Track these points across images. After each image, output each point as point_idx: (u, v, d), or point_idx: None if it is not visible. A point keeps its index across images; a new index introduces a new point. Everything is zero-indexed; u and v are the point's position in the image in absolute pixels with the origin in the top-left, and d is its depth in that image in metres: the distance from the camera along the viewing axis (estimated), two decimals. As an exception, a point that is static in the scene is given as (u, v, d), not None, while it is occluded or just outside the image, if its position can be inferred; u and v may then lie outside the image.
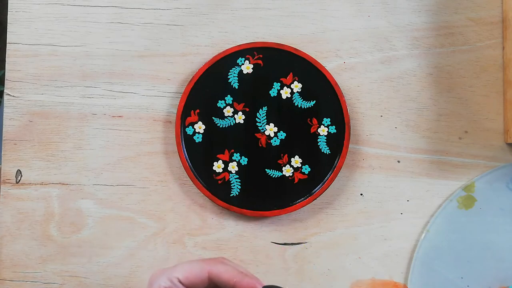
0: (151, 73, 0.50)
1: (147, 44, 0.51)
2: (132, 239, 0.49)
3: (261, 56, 0.49)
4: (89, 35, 0.50)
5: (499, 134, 0.50)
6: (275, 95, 0.49)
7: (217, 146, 0.48)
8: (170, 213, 0.50)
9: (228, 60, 0.49)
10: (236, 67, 0.49)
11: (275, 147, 0.48)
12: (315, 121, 0.48)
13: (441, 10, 0.51)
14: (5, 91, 0.50)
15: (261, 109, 0.49)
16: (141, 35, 0.51)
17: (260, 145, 0.48)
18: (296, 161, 0.48)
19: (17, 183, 0.50)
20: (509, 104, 0.49)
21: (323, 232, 0.49)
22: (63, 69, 0.50)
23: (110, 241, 0.49)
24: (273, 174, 0.48)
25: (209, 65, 0.48)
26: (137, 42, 0.51)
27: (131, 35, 0.51)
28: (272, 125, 0.49)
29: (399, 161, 0.50)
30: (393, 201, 0.50)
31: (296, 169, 0.48)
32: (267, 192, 0.48)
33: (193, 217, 0.50)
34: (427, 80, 0.51)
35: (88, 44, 0.50)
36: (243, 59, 0.49)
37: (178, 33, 0.51)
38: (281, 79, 0.49)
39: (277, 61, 0.49)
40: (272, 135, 0.49)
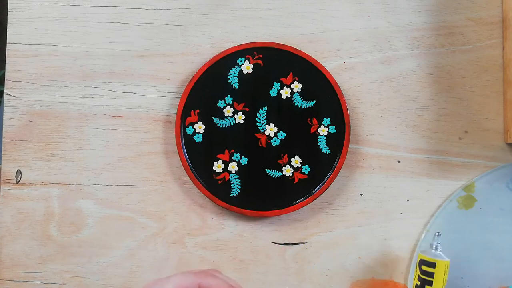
0: (151, 73, 0.50)
1: (147, 44, 0.51)
2: (132, 239, 0.49)
3: (261, 56, 0.49)
4: (89, 35, 0.50)
5: (499, 134, 0.50)
6: (275, 95, 0.49)
7: (217, 146, 0.48)
8: (170, 213, 0.50)
9: (228, 60, 0.49)
10: (236, 67, 0.49)
11: (275, 147, 0.48)
12: (315, 121, 0.48)
13: (441, 10, 0.51)
14: (5, 91, 0.50)
15: (261, 109, 0.49)
16: (141, 35, 0.51)
17: (260, 145, 0.48)
18: (296, 161, 0.48)
19: (17, 183, 0.50)
20: (509, 104, 0.49)
21: (323, 232, 0.49)
22: (63, 69, 0.50)
23: (110, 241, 0.49)
24: (273, 174, 0.48)
25: (209, 65, 0.48)
26: (137, 42, 0.50)
27: (131, 35, 0.51)
28: (272, 125, 0.49)
29: (399, 161, 0.50)
30: (393, 201, 0.50)
31: (296, 169, 0.48)
32: (267, 192, 0.48)
33: (193, 217, 0.50)
34: (427, 80, 0.51)
35: (88, 44, 0.50)
36: (243, 59, 0.49)
37: (178, 33, 0.51)
38: (281, 79, 0.49)
39: (277, 61, 0.49)
40: (272, 135, 0.49)
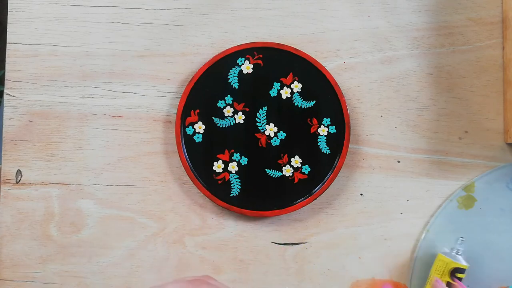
0: (151, 73, 0.50)
1: (147, 44, 0.50)
2: (132, 239, 0.49)
3: (261, 56, 0.49)
4: (89, 35, 0.50)
5: (499, 134, 0.50)
6: (275, 95, 0.49)
7: (217, 146, 0.48)
8: (170, 213, 0.50)
9: (228, 60, 0.49)
10: (236, 67, 0.49)
11: (275, 147, 0.48)
12: (315, 121, 0.48)
13: (441, 10, 0.51)
14: (5, 91, 0.50)
15: (261, 109, 0.49)
16: (141, 35, 0.51)
17: (260, 145, 0.48)
18: (296, 161, 0.48)
19: (17, 183, 0.50)
20: (509, 104, 0.49)
21: (323, 232, 0.49)
22: (63, 69, 0.50)
23: (110, 241, 0.49)
24: (273, 174, 0.48)
25: (209, 65, 0.48)
26: (137, 42, 0.50)
27: (131, 35, 0.51)
28: (272, 125, 0.49)
29: (399, 161, 0.50)
30: (393, 201, 0.50)
31: (296, 169, 0.48)
32: (267, 192, 0.48)
33: (193, 217, 0.49)
34: (427, 80, 0.51)
35: (88, 44, 0.50)
36: (243, 59, 0.49)
37: (178, 33, 0.51)
38: (281, 79, 0.49)
39: (277, 61, 0.49)
40: (272, 135, 0.49)
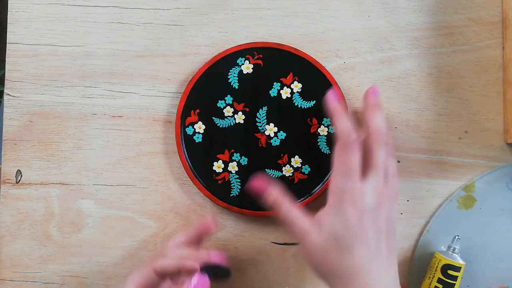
0: (151, 73, 0.50)
1: (147, 44, 0.50)
2: (132, 239, 0.49)
3: (261, 56, 0.49)
4: (89, 35, 0.50)
5: (499, 134, 0.50)
6: (275, 95, 0.49)
7: (217, 146, 0.48)
8: (170, 213, 0.49)
9: (228, 60, 0.49)
10: (236, 67, 0.49)
11: (275, 147, 0.48)
12: (315, 121, 0.48)
13: (441, 10, 0.51)
14: (5, 91, 0.50)
15: (261, 109, 0.48)
16: (141, 35, 0.51)
17: (260, 145, 0.48)
18: (296, 161, 0.48)
19: (17, 183, 0.50)
20: (509, 104, 0.49)
21: (323, 232, 0.49)
22: (63, 69, 0.50)
23: (110, 241, 0.49)
24: (273, 174, 0.48)
25: (209, 65, 0.48)
26: (137, 42, 0.50)
27: (131, 35, 0.51)
28: (272, 125, 0.48)
29: (399, 161, 0.50)
30: (393, 201, 0.50)
31: (296, 169, 0.48)
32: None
33: (193, 217, 0.49)
34: (427, 80, 0.51)
35: (88, 44, 0.50)
36: (243, 59, 0.49)
37: (178, 33, 0.51)
38: (281, 79, 0.49)
39: (277, 61, 0.49)
40: (272, 135, 0.48)
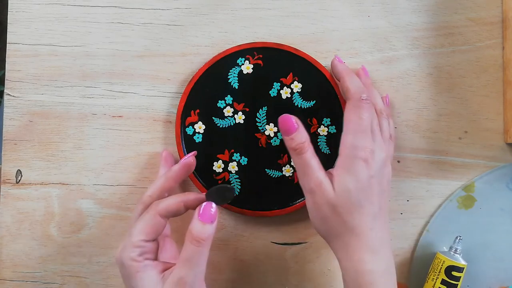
0: (151, 73, 0.50)
1: (147, 44, 0.50)
2: (132, 239, 0.49)
3: (261, 56, 0.49)
4: (89, 35, 0.50)
5: (499, 134, 0.50)
6: (275, 95, 0.48)
7: (217, 146, 0.48)
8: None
9: (228, 60, 0.49)
10: (236, 67, 0.49)
11: (275, 147, 0.48)
12: (315, 121, 0.48)
13: (441, 10, 0.51)
14: (5, 91, 0.50)
15: (261, 109, 0.48)
16: (141, 35, 0.51)
17: (260, 145, 0.48)
18: None
19: (17, 183, 0.50)
20: (509, 104, 0.49)
21: (323, 232, 0.49)
22: (63, 69, 0.50)
23: (110, 241, 0.49)
24: (273, 174, 0.48)
25: (209, 65, 0.48)
26: (137, 42, 0.50)
27: (131, 35, 0.51)
28: (272, 125, 0.48)
29: (399, 161, 0.50)
30: (393, 201, 0.50)
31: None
32: (267, 192, 0.48)
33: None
34: (427, 80, 0.51)
35: (88, 44, 0.50)
36: (243, 59, 0.49)
37: (178, 33, 0.51)
38: (281, 79, 0.49)
39: (277, 61, 0.48)
40: (272, 135, 0.48)
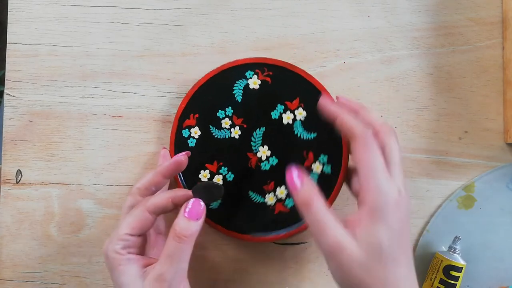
0: (151, 73, 0.50)
1: (147, 44, 0.50)
2: (132, 239, 0.49)
3: (271, 73, 0.46)
4: (89, 35, 0.50)
5: (499, 134, 0.50)
6: (276, 117, 0.46)
7: (207, 155, 0.46)
8: (170, 213, 0.49)
9: (237, 70, 0.46)
10: (243, 79, 0.46)
11: (264, 171, 0.46)
12: (311, 155, 0.45)
13: (441, 10, 0.51)
14: (5, 91, 0.50)
15: (258, 129, 0.46)
16: (141, 35, 0.51)
17: (250, 165, 0.46)
18: (282, 191, 0.45)
19: (17, 183, 0.50)
20: (509, 104, 0.49)
21: (323, 232, 0.49)
22: (63, 69, 0.50)
23: (110, 241, 0.49)
24: (255, 199, 0.46)
25: (217, 72, 0.46)
26: (137, 42, 0.50)
27: (131, 35, 0.51)
28: (266, 147, 0.46)
29: (399, 161, 0.50)
30: (393, 201, 0.50)
31: (279, 200, 0.46)
32: (244, 214, 0.46)
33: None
34: (427, 80, 0.51)
35: (88, 44, 0.50)
36: (252, 72, 0.46)
37: (178, 33, 0.51)
38: (286, 102, 0.45)
39: (286, 82, 0.45)
40: (264, 158, 0.46)
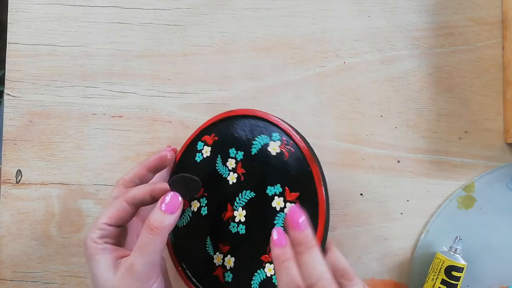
0: (151, 73, 0.50)
1: (147, 44, 0.50)
2: (132, 239, 0.49)
3: (292, 150, 0.40)
4: (89, 35, 0.50)
5: (499, 134, 0.50)
6: (270, 194, 0.41)
7: (203, 178, 0.43)
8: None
9: (269, 128, 0.42)
10: (268, 138, 0.42)
11: (229, 230, 0.42)
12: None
13: (441, 10, 0.51)
14: (5, 91, 0.50)
15: (249, 191, 0.42)
16: (141, 35, 0.51)
17: (223, 216, 0.43)
18: (230, 261, 0.42)
19: (17, 183, 0.50)
20: (509, 104, 0.49)
21: (323, 232, 0.49)
22: (63, 69, 0.50)
23: (110, 241, 0.49)
24: (208, 247, 0.43)
25: (254, 114, 0.42)
26: (137, 42, 0.50)
27: (131, 35, 0.51)
28: (244, 212, 0.42)
29: (399, 161, 0.50)
30: (393, 201, 0.50)
31: (224, 267, 0.43)
32: (193, 254, 0.44)
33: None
34: (427, 80, 0.51)
35: (88, 44, 0.50)
36: (278, 137, 0.41)
37: (178, 33, 0.51)
38: (286, 187, 0.40)
39: (300, 171, 0.40)
40: (237, 220, 0.42)
